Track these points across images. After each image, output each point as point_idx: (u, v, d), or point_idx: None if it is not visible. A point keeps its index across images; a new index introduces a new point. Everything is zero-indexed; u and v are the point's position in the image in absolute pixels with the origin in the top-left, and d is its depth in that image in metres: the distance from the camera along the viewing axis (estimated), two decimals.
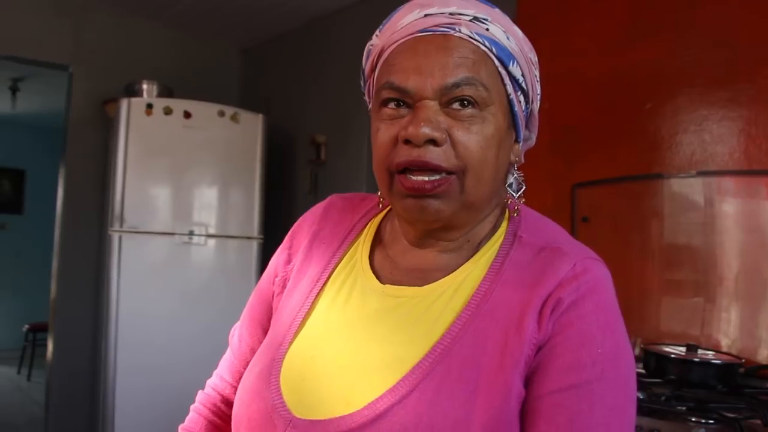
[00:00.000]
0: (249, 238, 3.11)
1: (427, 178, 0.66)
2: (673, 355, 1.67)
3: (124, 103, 2.86)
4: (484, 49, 0.67)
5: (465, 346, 0.64)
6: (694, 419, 1.32)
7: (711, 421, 1.30)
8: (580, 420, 0.60)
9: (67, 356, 3.24)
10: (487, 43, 0.67)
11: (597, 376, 0.61)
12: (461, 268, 0.71)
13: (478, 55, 0.67)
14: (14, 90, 4.93)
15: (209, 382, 0.90)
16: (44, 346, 3.67)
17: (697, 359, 1.63)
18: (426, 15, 0.68)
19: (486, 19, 0.68)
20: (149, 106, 2.89)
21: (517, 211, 0.75)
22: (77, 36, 3.31)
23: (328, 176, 3.27)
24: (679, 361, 1.64)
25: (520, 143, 0.75)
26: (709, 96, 1.86)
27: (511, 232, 0.73)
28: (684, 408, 1.39)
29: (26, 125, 6.28)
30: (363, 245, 0.79)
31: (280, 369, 0.71)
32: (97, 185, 3.32)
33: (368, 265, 0.77)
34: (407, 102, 0.67)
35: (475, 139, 0.66)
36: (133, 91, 3.15)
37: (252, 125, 3.14)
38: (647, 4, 2.04)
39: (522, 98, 0.71)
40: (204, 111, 3.00)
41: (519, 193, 0.76)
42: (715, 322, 1.81)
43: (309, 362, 0.71)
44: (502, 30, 0.69)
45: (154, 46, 3.59)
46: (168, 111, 2.91)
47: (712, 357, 1.67)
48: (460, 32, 0.67)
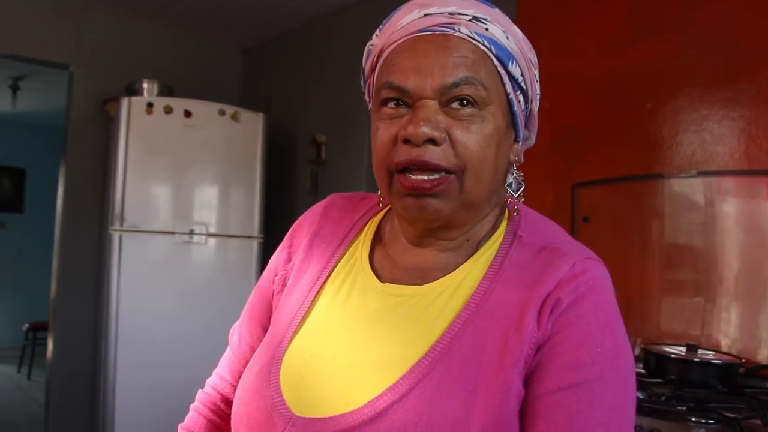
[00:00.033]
0: (249, 237, 3.11)
1: (426, 177, 0.66)
2: (673, 355, 1.67)
3: (125, 102, 2.86)
4: (484, 48, 0.67)
5: (465, 345, 0.64)
6: (694, 419, 1.32)
7: (711, 421, 1.30)
8: (579, 419, 0.60)
9: (67, 355, 3.24)
10: (486, 43, 0.67)
11: (596, 376, 0.61)
12: (461, 268, 0.71)
13: (478, 54, 0.67)
14: (15, 89, 4.93)
15: (209, 381, 0.90)
16: (44, 345, 3.67)
17: (697, 359, 1.63)
18: (425, 15, 0.68)
19: (485, 19, 0.68)
20: (150, 105, 2.89)
21: (516, 211, 0.75)
22: (78, 35, 3.31)
23: (329, 176, 3.26)
24: (680, 361, 1.64)
25: (520, 143, 0.75)
26: (710, 96, 1.86)
27: (511, 231, 0.73)
28: (684, 408, 1.39)
29: (27, 124, 6.28)
30: (363, 244, 0.79)
31: (280, 367, 0.71)
32: (97, 184, 3.32)
33: (368, 264, 0.77)
34: (407, 101, 0.67)
35: (475, 139, 0.66)
36: (134, 90, 3.15)
37: (252, 124, 3.14)
38: (647, 4, 2.03)
39: (521, 98, 0.71)
40: (204, 110, 3.00)
41: (518, 192, 0.76)
42: (716, 322, 1.81)
43: (309, 361, 0.71)
44: (501, 30, 0.69)
45: (154, 46, 3.59)
46: (168, 110, 2.91)
47: (713, 357, 1.67)
48: (459, 32, 0.67)
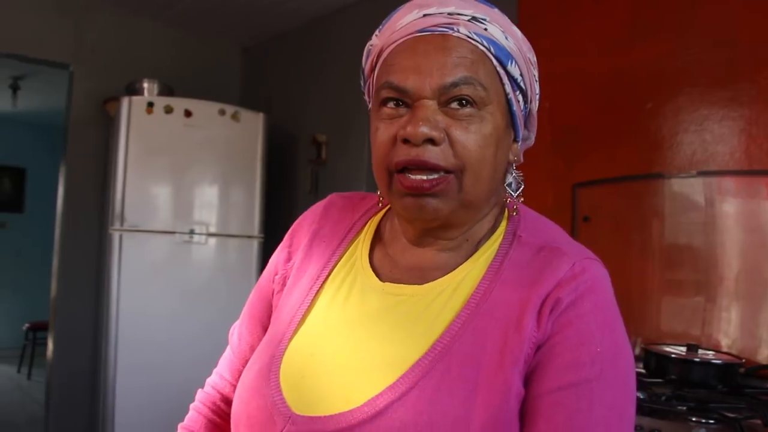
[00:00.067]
0: (249, 237, 3.11)
1: (425, 177, 0.66)
2: (673, 355, 1.67)
3: (125, 101, 2.86)
4: (483, 48, 0.68)
5: (465, 345, 0.64)
6: (694, 419, 1.32)
7: (711, 421, 1.30)
8: (579, 418, 0.60)
9: (67, 355, 3.24)
10: (485, 43, 0.68)
11: (596, 375, 0.61)
12: (460, 267, 0.71)
13: (477, 54, 0.67)
14: (15, 88, 4.93)
15: (209, 380, 0.90)
16: (44, 344, 3.67)
17: (697, 359, 1.63)
18: (425, 15, 0.68)
19: (484, 19, 0.68)
20: (150, 104, 2.89)
21: (516, 210, 0.75)
22: (78, 35, 3.31)
23: (329, 175, 3.26)
24: (680, 360, 1.64)
25: (519, 143, 0.75)
26: (710, 96, 1.86)
27: (511, 231, 0.73)
28: (684, 408, 1.39)
29: (27, 123, 6.28)
30: (363, 243, 0.80)
31: (280, 366, 0.71)
32: (97, 184, 3.32)
33: (368, 263, 0.77)
34: (406, 101, 0.68)
35: (474, 139, 0.66)
36: (134, 90, 3.15)
37: (253, 124, 3.14)
38: (648, 4, 2.03)
39: (520, 98, 0.72)
40: (205, 110, 3.00)
41: (518, 192, 0.76)
42: (716, 322, 1.81)
43: (309, 359, 0.71)
44: (500, 30, 0.69)
45: (154, 46, 3.59)
46: (169, 110, 2.91)
47: (713, 357, 1.67)
48: (458, 32, 0.67)
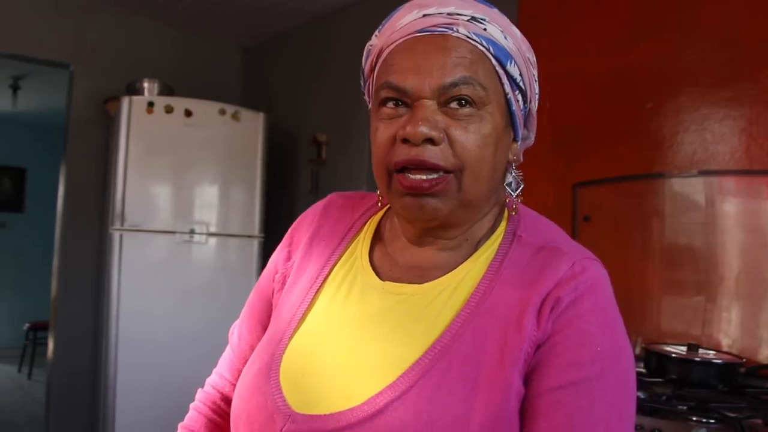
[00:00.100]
0: (250, 236, 3.11)
1: (425, 177, 0.66)
2: (674, 355, 1.67)
3: (125, 101, 2.86)
4: (482, 48, 0.68)
5: (465, 344, 0.64)
6: (695, 419, 1.32)
7: (712, 421, 1.30)
8: (579, 417, 0.60)
9: (67, 355, 3.24)
10: (484, 43, 0.68)
11: (596, 374, 0.61)
12: (460, 267, 0.71)
13: (476, 54, 0.67)
14: (15, 88, 4.93)
15: (209, 380, 0.90)
16: (45, 344, 3.67)
17: (698, 359, 1.63)
18: (424, 15, 0.68)
19: (484, 19, 0.68)
20: (150, 104, 2.89)
21: (515, 209, 0.75)
22: (78, 35, 3.31)
23: (329, 175, 3.26)
24: (680, 360, 1.64)
25: (519, 142, 0.75)
26: (711, 95, 1.86)
27: (510, 231, 0.73)
28: (685, 407, 1.39)
29: (27, 123, 6.28)
30: (363, 242, 0.80)
31: (280, 365, 0.71)
32: (98, 184, 3.32)
33: (368, 262, 0.77)
34: (406, 101, 0.68)
35: (473, 138, 0.67)
36: (134, 90, 3.15)
37: (253, 124, 3.14)
38: (649, 4, 2.03)
39: (520, 97, 0.72)
40: (205, 109, 3.00)
41: (517, 191, 0.76)
42: (716, 322, 1.81)
43: (309, 358, 0.71)
44: (499, 30, 0.69)
45: (155, 45, 3.59)
46: (169, 109, 2.91)
47: (713, 357, 1.67)
48: (458, 32, 0.67)
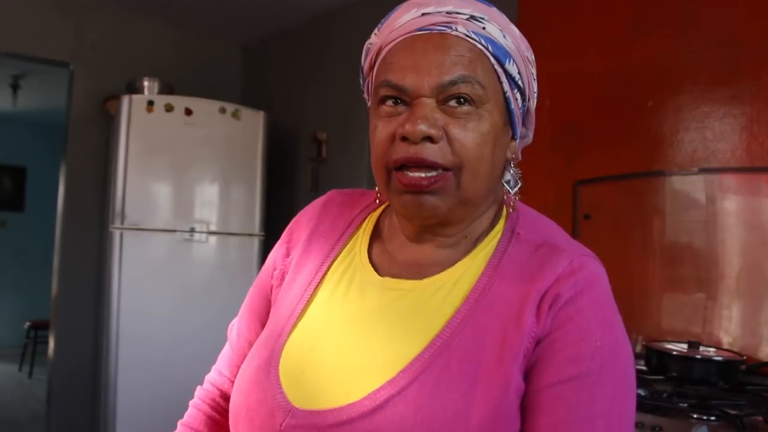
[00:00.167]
0: (250, 235, 3.11)
1: (423, 175, 0.66)
2: (674, 352, 1.67)
3: (125, 100, 2.86)
4: (481, 47, 0.68)
5: (464, 340, 0.65)
6: (695, 416, 1.32)
7: (713, 418, 1.30)
8: (580, 411, 0.61)
9: (68, 353, 3.25)
10: (483, 42, 0.68)
11: (597, 369, 0.62)
12: (459, 264, 0.72)
13: (475, 53, 0.68)
14: (15, 87, 4.92)
15: (208, 377, 0.91)
16: (45, 343, 3.67)
17: (698, 356, 1.64)
18: (423, 14, 0.69)
19: (483, 18, 0.69)
20: (150, 103, 2.89)
21: (513, 207, 0.75)
22: (78, 34, 3.31)
23: (329, 173, 3.26)
24: (681, 358, 1.64)
25: (517, 140, 0.75)
26: (712, 93, 1.86)
27: (509, 228, 0.73)
28: (686, 405, 1.39)
29: (27, 122, 6.28)
30: (362, 239, 0.80)
31: (279, 360, 0.71)
32: (98, 182, 3.32)
33: (367, 259, 0.77)
34: (405, 100, 0.68)
35: (471, 136, 0.67)
36: (134, 89, 3.15)
37: (253, 122, 3.14)
38: (650, 2, 2.03)
39: (518, 96, 0.72)
40: (205, 108, 3.00)
41: (515, 189, 0.76)
42: (717, 320, 1.81)
43: (308, 354, 0.71)
44: (498, 28, 0.69)
45: (155, 44, 3.59)
46: (169, 108, 2.91)
47: (714, 354, 1.67)
48: (456, 31, 0.67)
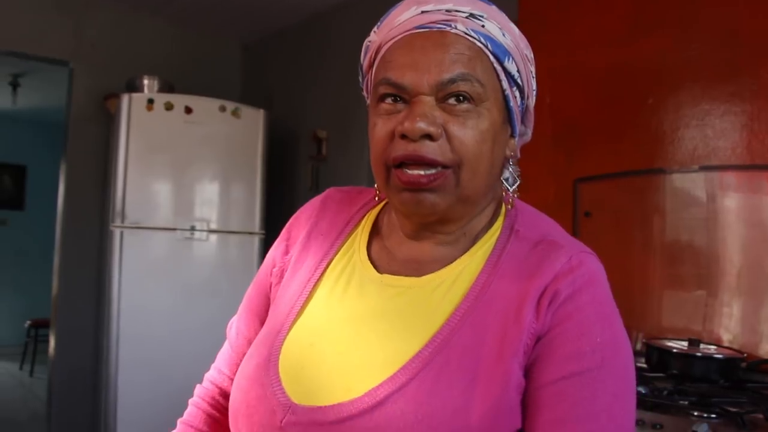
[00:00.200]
0: (250, 233, 3.11)
1: (423, 172, 0.67)
2: (675, 350, 1.67)
3: (125, 98, 2.86)
4: (480, 45, 0.68)
5: (464, 337, 0.65)
6: (696, 413, 1.32)
7: (713, 416, 1.30)
8: (582, 407, 0.61)
9: (69, 352, 3.25)
10: (482, 40, 0.68)
11: (597, 364, 0.62)
12: (458, 261, 0.72)
13: (474, 51, 0.68)
14: (15, 85, 4.93)
15: (207, 375, 0.91)
16: (46, 341, 3.68)
17: (699, 354, 1.63)
18: (423, 12, 0.69)
19: (482, 16, 0.69)
20: (150, 101, 2.89)
21: (511, 204, 0.76)
22: (78, 32, 3.30)
23: (330, 172, 3.26)
24: (681, 355, 1.64)
25: (516, 138, 0.76)
26: (712, 91, 1.86)
27: (508, 225, 0.74)
28: (686, 402, 1.39)
29: (27, 121, 6.28)
30: (361, 236, 0.80)
31: (279, 357, 0.72)
32: (98, 181, 3.32)
33: (366, 256, 0.77)
34: (404, 97, 0.68)
35: (471, 134, 0.67)
36: (134, 87, 3.14)
37: (253, 120, 3.14)
38: None
39: (517, 94, 0.72)
40: (205, 106, 3.00)
41: (514, 186, 0.76)
42: (717, 317, 1.80)
43: (308, 350, 0.71)
44: (497, 27, 0.69)
45: (154, 42, 3.59)
46: (169, 106, 2.91)
47: (714, 352, 1.67)
48: (456, 29, 0.68)
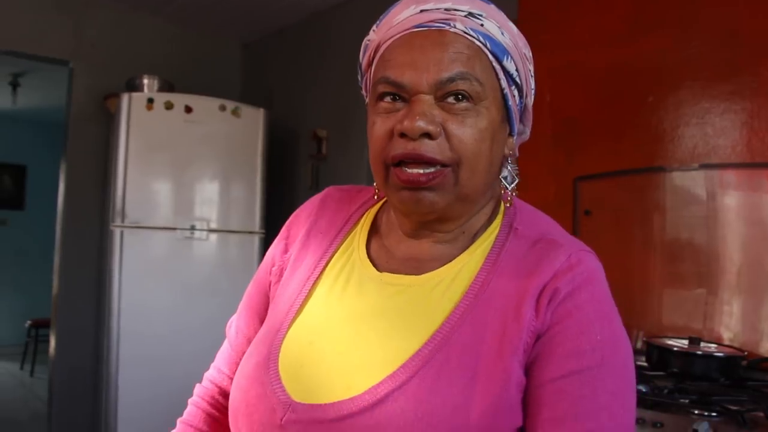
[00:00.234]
0: (250, 232, 3.11)
1: (422, 171, 0.67)
2: (675, 348, 1.67)
3: (125, 98, 2.86)
4: (479, 44, 0.68)
5: (464, 335, 0.65)
6: (696, 412, 1.32)
7: (714, 414, 1.30)
8: (583, 405, 0.61)
9: (69, 352, 3.25)
10: (481, 39, 0.68)
11: (597, 362, 0.63)
12: (457, 259, 0.72)
13: (473, 50, 0.68)
14: (15, 85, 4.92)
15: (207, 374, 0.91)
16: (46, 341, 3.68)
17: (699, 352, 1.63)
18: (422, 11, 0.69)
19: (481, 15, 0.69)
20: (150, 100, 2.88)
21: (510, 202, 0.76)
22: (78, 31, 3.30)
23: (330, 171, 3.26)
24: (682, 353, 1.64)
25: (514, 137, 0.76)
26: (712, 89, 1.85)
27: (507, 224, 0.74)
28: (687, 401, 1.39)
29: (27, 120, 6.28)
30: (360, 235, 0.80)
31: (278, 355, 0.72)
32: (98, 180, 3.32)
33: (365, 254, 0.77)
34: (403, 96, 0.68)
35: (469, 132, 0.67)
36: (134, 86, 3.14)
37: (253, 120, 3.14)
38: None
39: (516, 93, 0.72)
40: (205, 105, 3.00)
41: (512, 185, 0.77)
42: (718, 315, 1.80)
43: (307, 348, 0.71)
44: (496, 26, 0.70)
45: (154, 41, 3.58)
46: (169, 106, 2.91)
47: (715, 350, 1.67)
48: (455, 28, 0.68)
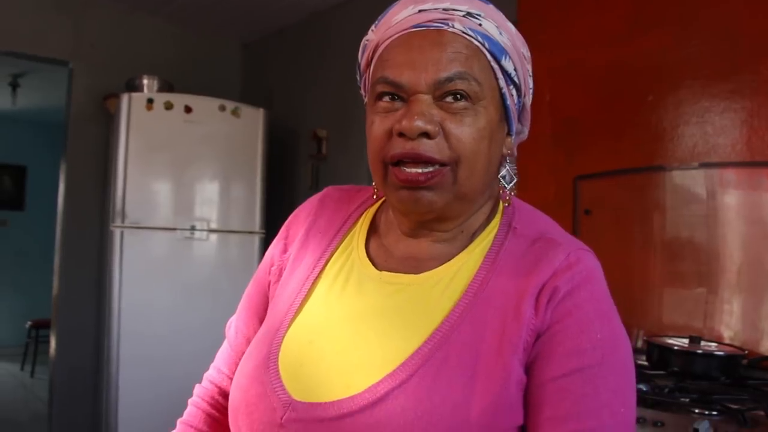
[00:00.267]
0: (251, 232, 3.11)
1: (420, 170, 0.67)
2: (676, 347, 1.67)
3: (125, 98, 2.86)
4: (477, 44, 0.68)
5: (463, 333, 0.65)
6: (697, 411, 1.32)
7: (714, 413, 1.30)
8: (585, 403, 0.61)
9: (69, 352, 3.25)
10: (479, 38, 0.68)
11: (598, 361, 0.63)
12: (456, 258, 0.72)
13: (471, 50, 0.68)
14: (14, 86, 4.92)
15: (206, 375, 0.91)
16: (47, 342, 3.68)
17: (700, 351, 1.63)
18: (420, 11, 0.69)
19: (479, 15, 0.69)
20: (150, 101, 2.88)
21: (508, 201, 0.76)
22: (77, 31, 3.30)
23: (330, 171, 3.26)
24: (682, 352, 1.64)
25: (513, 136, 0.76)
26: (712, 88, 1.85)
27: (505, 223, 0.74)
28: (687, 400, 1.39)
29: (27, 121, 6.27)
30: (359, 234, 0.80)
31: (278, 354, 0.72)
32: (98, 181, 3.32)
33: (364, 253, 0.78)
34: (401, 96, 0.68)
35: (468, 132, 0.67)
36: (134, 86, 3.14)
37: (253, 120, 3.14)
38: None
39: (514, 92, 0.73)
40: (205, 106, 3.00)
41: (511, 184, 0.77)
42: (718, 314, 1.80)
43: (307, 347, 0.71)
44: (494, 25, 0.70)
45: (154, 42, 3.59)
46: (169, 106, 2.91)
47: (715, 349, 1.67)
48: (453, 27, 0.68)
